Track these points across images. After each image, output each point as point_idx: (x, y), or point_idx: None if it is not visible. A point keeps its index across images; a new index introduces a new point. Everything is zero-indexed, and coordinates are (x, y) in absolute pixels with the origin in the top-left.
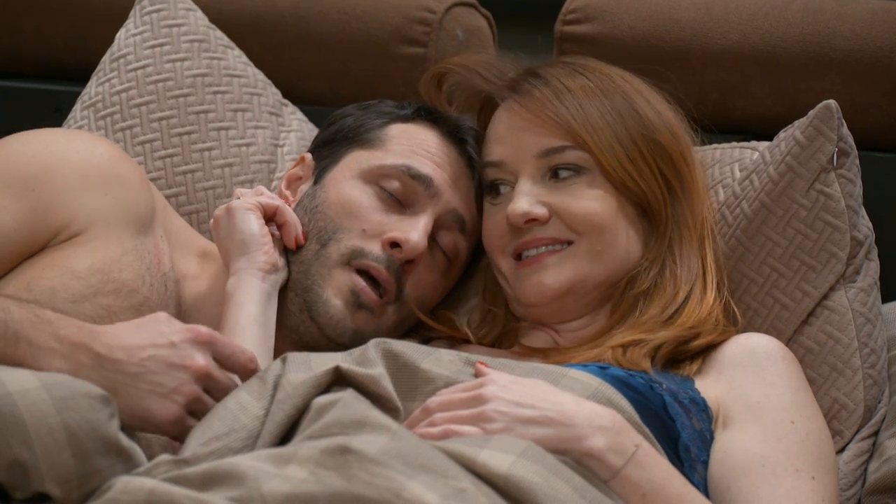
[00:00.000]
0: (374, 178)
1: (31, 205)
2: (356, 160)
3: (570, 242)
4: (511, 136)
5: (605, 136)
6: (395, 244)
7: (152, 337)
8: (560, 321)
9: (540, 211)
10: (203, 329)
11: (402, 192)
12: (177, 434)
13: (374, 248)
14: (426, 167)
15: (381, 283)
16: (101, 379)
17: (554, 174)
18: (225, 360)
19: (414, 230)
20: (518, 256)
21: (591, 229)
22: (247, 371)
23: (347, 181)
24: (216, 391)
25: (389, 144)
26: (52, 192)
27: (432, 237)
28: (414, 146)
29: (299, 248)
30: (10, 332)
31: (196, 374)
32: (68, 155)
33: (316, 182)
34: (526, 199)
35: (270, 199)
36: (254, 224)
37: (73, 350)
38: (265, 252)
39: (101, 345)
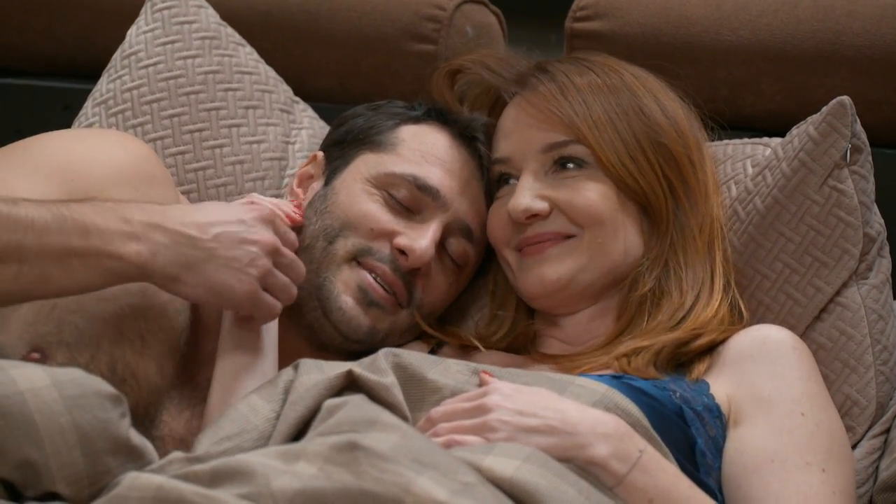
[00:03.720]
0: (382, 184)
1: (70, 195)
2: (366, 163)
3: (573, 237)
4: (516, 132)
5: (607, 132)
6: (402, 251)
7: (219, 214)
8: (563, 313)
9: (540, 206)
10: (264, 207)
11: (410, 201)
12: (251, 309)
13: (382, 248)
14: (434, 177)
15: (389, 284)
16: (177, 256)
17: (557, 167)
18: (282, 237)
19: (422, 238)
20: (521, 251)
21: (593, 222)
22: (293, 249)
23: (357, 184)
24: (283, 266)
25: (400, 148)
26: (89, 183)
27: (441, 244)
28: (424, 151)
29: (309, 248)
30: (77, 223)
31: (266, 249)
32: (103, 148)
33: (326, 183)
34: (527, 195)
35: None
36: None
37: (146, 229)
38: None
39: (172, 221)
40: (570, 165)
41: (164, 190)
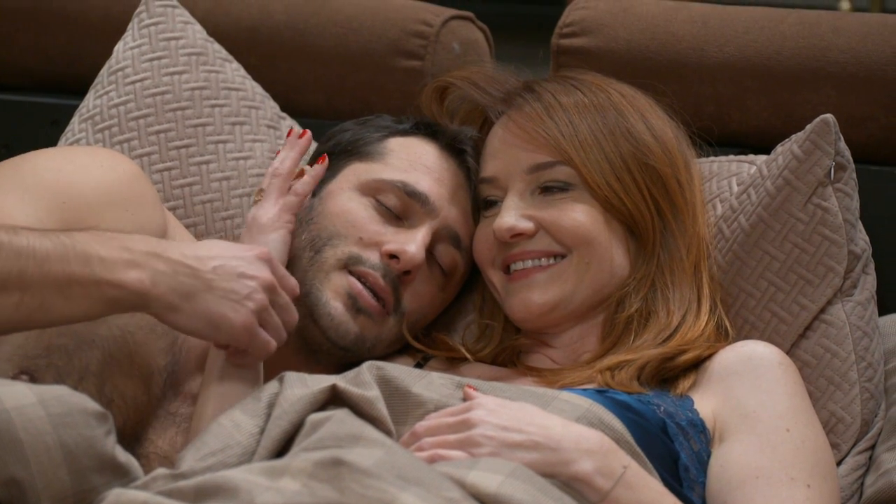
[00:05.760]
0: (371, 191)
1: (63, 218)
2: (354, 172)
3: (559, 256)
4: (503, 152)
5: (592, 153)
6: (392, 255)
7: (219, 249)
8: (551, 333)
9: (525, 225)
10: (263, 248)
11: (399, 207)
12: (247, 341)
13: (372, 256)
14: (423, 183)
15: (378, 292)
16: (177, 284)
17: (542, 190)
18: (279, 280)
19: (412, 242)
20: (507, 269)
21: (580, 242)
22: (293, 295)
23: (345, 192)
24: (277, 307)
25: (388, 158)
26: (81, 206)
27: (429, 251)
28: (412, 160)
29: (296, 258)
30: (78, 252)
31: (263, 284)
32: (93, 171)
33: (314, 195)
34: (512, 214)
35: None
36: (289, 244)
37: (147, 258)
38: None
39: (173, 252)
40: (557, 189)
41: (153, 209)
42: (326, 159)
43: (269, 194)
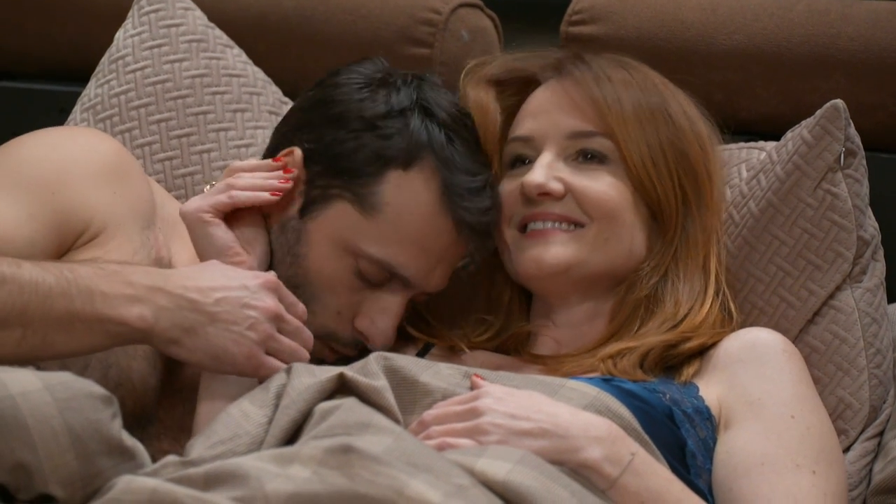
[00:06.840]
0: (353, 254)
1: (55, 210)
2: (342, 219)
3: (579, 225)
4: (544, 113)
5: (634, 132)
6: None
7: (223, 279)
8: (557, 306)
9: (555, 186)
10: (270, 275)
11: (377, 278)
12: (253, 372)
13: (346, 330)
14: (407, 263)
15: (345, 356)
16: (180, 319)
17: (577, 157)
18: (287, 307)
19: (381, 320)
20: (523, 228)
21: (603, 215)
22: (301, 320)
23: (329, 245)
24: (288, 333)
25: (379, 216)
26: (71, 194)
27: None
28: (404, 228)
29: (271, 266)
30: (81, 288)
31: (267, 315)
32: (76, 155)
33: (302, 213)
34: (544, 172)
35: (229, 195)
36: (218, 236)
37: (149, 293)
38: (238, 261)
39: (175, 286)
40: (592, 159)
41: (139, 184)
42: (298, 156)
43: (215, 195)
